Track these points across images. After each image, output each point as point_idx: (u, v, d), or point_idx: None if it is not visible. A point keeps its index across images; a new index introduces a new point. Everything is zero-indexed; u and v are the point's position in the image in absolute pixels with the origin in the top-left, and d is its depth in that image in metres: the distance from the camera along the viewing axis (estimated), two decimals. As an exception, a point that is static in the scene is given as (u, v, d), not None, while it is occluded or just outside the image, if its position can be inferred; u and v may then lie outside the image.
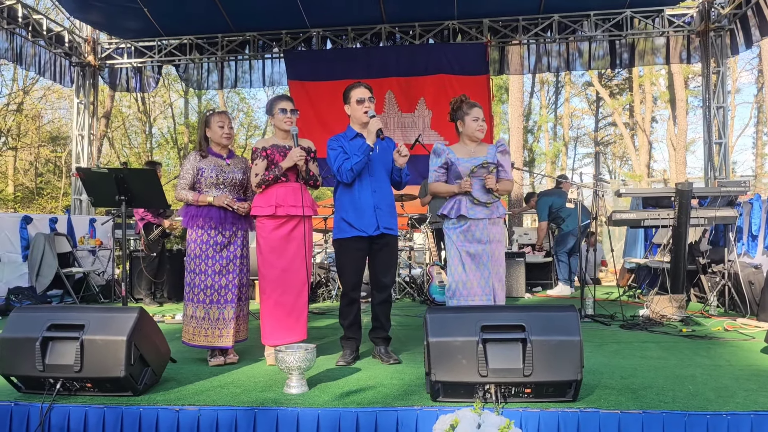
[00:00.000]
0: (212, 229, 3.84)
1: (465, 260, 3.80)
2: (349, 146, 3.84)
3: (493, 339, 2.81)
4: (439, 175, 3.97)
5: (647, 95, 24.77)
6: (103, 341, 3.00)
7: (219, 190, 3.89)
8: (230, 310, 3.87)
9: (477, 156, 3.89)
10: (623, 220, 5.64)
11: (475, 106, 3.96)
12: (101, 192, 3.79)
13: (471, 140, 3.95)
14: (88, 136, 9.72)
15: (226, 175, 3.91)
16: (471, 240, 3.80)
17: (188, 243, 3.86)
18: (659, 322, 5.12)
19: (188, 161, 3.86)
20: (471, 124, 3.91)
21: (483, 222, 3.81)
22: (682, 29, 8.99)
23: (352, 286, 3.85)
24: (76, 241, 7.70)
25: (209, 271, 3.84)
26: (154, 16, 9.12)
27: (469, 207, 3.81)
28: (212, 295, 3.84)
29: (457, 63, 9.16)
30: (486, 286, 3.77)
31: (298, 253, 3.84)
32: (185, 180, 3.84)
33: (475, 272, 3.78)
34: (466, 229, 3.81)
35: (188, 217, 3.82)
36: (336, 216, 3.89)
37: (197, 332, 3.84)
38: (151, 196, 3.83)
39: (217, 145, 3.97)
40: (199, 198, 3.82)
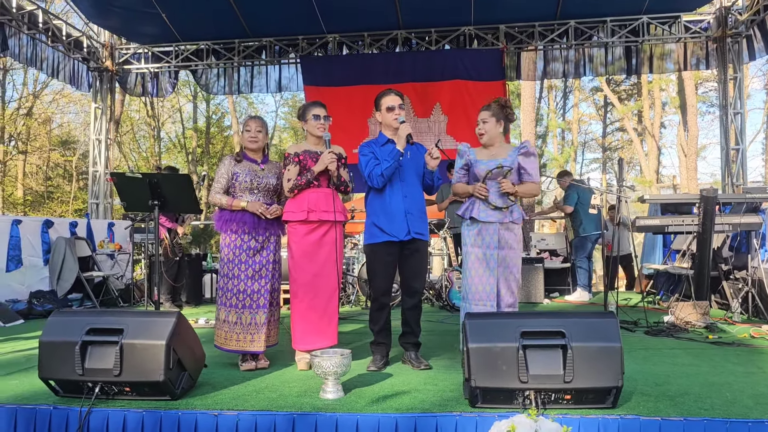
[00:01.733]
0: (245, 233, 3.86)
1: (474, 263, 3.82)
2: (380, 152, 3.86)
3: (534, 345, 2.81)
4: (460, 176, 4.00)
5: (656, 100, 24.72)
6: (142, 345, 3.02)
7: (253, 194, 3.91)
8: (262, 315, 3.88)
9: (496, 158, 3.90)
10: (647, 226, 5.64)
11: (483, 110, 3.98)
12: (134, 197, 3.81)
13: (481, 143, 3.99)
14: (105, 140, 9.78)
15: (260, 180, 3.93)
16: (480, 244, 3.81)
17: (221, 247, 3.87)
18: (684, 328, 5.11)
19: (223, 165, 3.88)
20: (475, 127, 3.96)
21: (494, 226, 3.80)
22: (698, 35, 8.99)
23: (383, 292, 3.86)
24: (95, 245, 7.73)
25: (242, 275, 3.85)
26: (171, 22, 9.18)
27: (481, 209, 3.82)
28: (244, 300, 3.85)
29: (473, 69, 9.19)
30: (491, 292, 3.76)
31: (329, 257, 3.86)
32: (219, 184, 3.86)
33: (481, 276, 3.78)
34: (477, 232, 3.83)
35: (222, 222, 3.84)
36: (367, 221, 3.90)
37: (229, 336, 3.86)
38: (183, 200, 3.85)
39: (249, 150, 3.99)
40: (233, 203, 3.85)
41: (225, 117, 27.47)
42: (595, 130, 32.39)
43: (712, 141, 26.34)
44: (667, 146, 29.00)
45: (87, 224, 7.81)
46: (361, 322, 5.97)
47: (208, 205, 7.43)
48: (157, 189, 3.71)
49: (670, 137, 28.28)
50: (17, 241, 6.50)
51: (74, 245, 7.10)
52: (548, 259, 7.99)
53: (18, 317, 6.04)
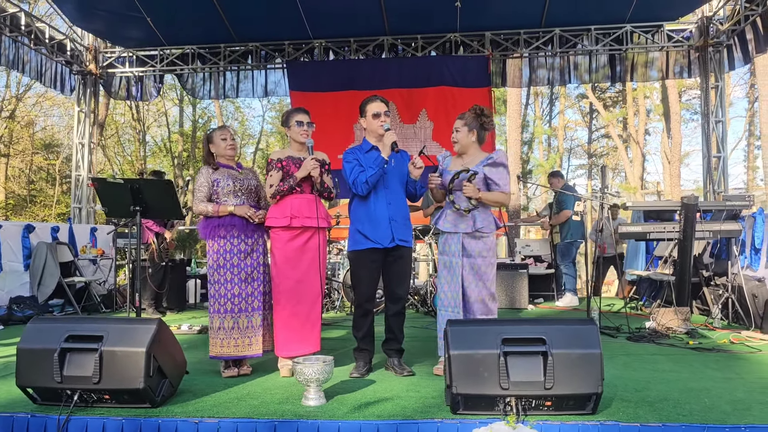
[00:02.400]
0: (235, 237, 3.85)
1: (441, 270, 3.85)
2: (365, 158, 3.86)
3: (515, 352, 2.83)
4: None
5: (641, 108, 24.99)
6: (122, 353, 2.99)
7: (237, 197, 3.91)
8: (258, 318, 3.88)
9: (468, 167, 3.91)
10: (630, 233, 5.69)
11: (458, 118, 3.98)
12: (116, 202, 3.79)
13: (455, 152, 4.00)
14: (89, 144, 9.70)
15: (242, 182, 3.93)
16: (447, 252, 3.83)
17: (209, 254, 3.84)
18: (665, 334, 5.16)
19: (201, 175, 3.87)
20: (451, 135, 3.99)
21: (456, 236, 3.79)
22: (681, 44, 9.10)
23: (367, 298, 3.86)
24: (77, 250, 7.66)
25: (235, 279, 3.83)
26: (156, 26, 9.13)
27: (444, 220, 3.84)
28: (240, 304, 3.84)
29: (459, 75, 9.22)
30: (455, 298, 3.76)
31: (312, 264, 3.85)
32: (201, 193, 3.84)
33: (449, 283, 3.80)
34: (444, 240, 3.86)
35: (209, 229, 3.82)
36: (351, 228, 3.90)
37: (226, 343, 3.83)
38: (166, 206, 3.82)
39: (223, 158, 3.99)
40: (219, 209, 3.83)
41: (211, 121, 27.37)
42: (580, 136, 32.64)
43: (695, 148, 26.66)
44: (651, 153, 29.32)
45: (69, 229, 7.74)
46: (345, 328, 5.96)
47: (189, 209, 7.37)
48: (139, 194, 3.69)
49: (654, 144, 28.62)
50: (-3, 246, 6.42)
51: (56, 250, 7.02)
52: (533, 265, 8.04)
53: (-3, 323, 5.97)
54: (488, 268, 3.79)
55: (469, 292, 3.75)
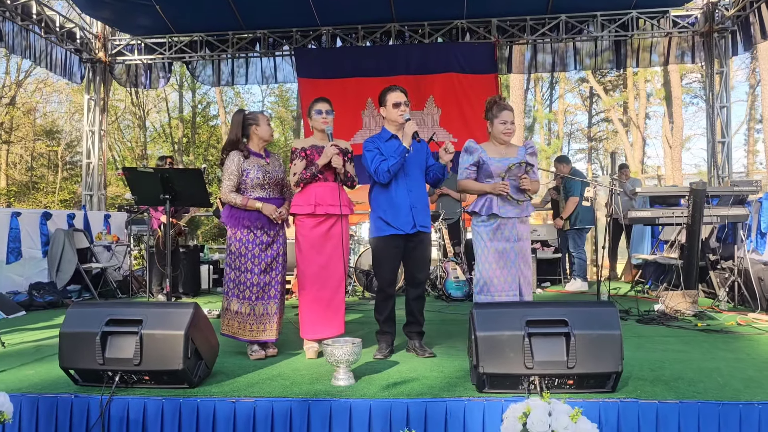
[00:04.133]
0: (258, 229, 3.96)
1: (493, 257, 3.93)
2: (385, 147, 3.97)
3: (538, 333, 2.96)
4: (470, 173, 4.09)
5: (641, 92, 25.01)
6: (161, 335, 3.13)
7: (264, 190, 4.02)
8: (274, 306, 4.02)
9: (508, 156, 4.03)
10: (638, 218, 5.82)
11: (505, 108, 4.06)
12: (145, 191, 3.90)
13: (499, 142, 4.08)
14: (99, 132, 9.78)
15: (270, 175, 4.03)
16: (500, 238, 3.93)
17: (231, 240, 3.96)
18: (674, 316, 5.30)
19: (233, 162, 3.94)
20: (498, 126, 4.03)
21: (513, 221, 3.95)
22: (686, 30, 9.17)
23: (389, 282, 3.99)
24: (92, 236, 7.78)
25: (255, 269, 3.96)
26: (165, 13, 9.17)
27: (500, 205, 3.94)
28: (258, 292, 3.97)
29: (465, 62, 9.30)
30: (513, 282, 3.90)
31: (335, 250, 3.98)
32: (231, 182, 3.93)
33: (502, 269, 3.91)
34: (496, 227, 3.94)
35: (233, 218, 3.93)
36: (372, 215, 4.02)
37: (242, 327, 3.96)
38: (195, 195, 3.94)
39: (257, 144, 4.08)
40: (248, 203, 3.93)
41: (211, 106, 27.31)
42: (580, 120, 32.69)
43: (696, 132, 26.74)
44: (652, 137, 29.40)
45: (84, 216, 7.85)
46: (359, 311, 6.10)
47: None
48: (169, 183, 3.80)
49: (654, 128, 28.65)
50: (17, 233, 6.53)
51: (72, 237, 7.14)
52: (540, 250, 8.17)
53: (20, 309, 6.10)
54: (530, 251, 3.98)
55: (522, 274, 3.91)
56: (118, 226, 8.37)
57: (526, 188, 3.93)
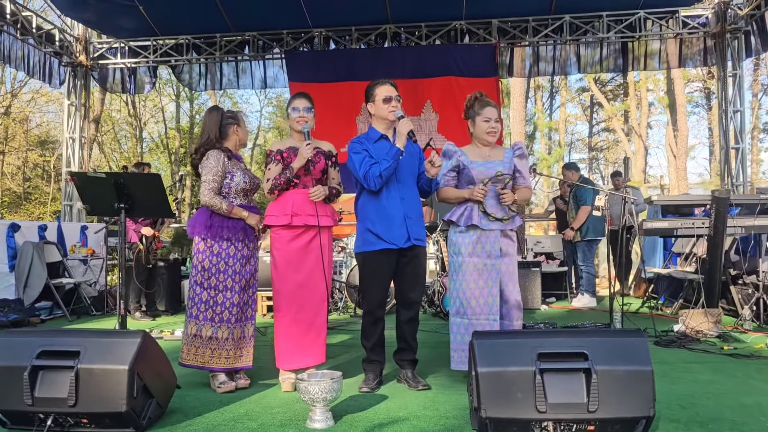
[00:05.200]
0: (240, 241, 3.48)
1: (471, 275, 3.44)
2: (374, 149, 3.49)
3: (553, 369, 2.46)
4: (448, 180, 3.61)
5: (643, 100, 24.61)
6: (101, 371, 2.62)
7: (246, 197, 3.56)
8: (250, 327, 3.56)
9: (492, 160, 3.55)
10: (655, 229, 5.32)
11: (488, 105, 3.61)
12: (98, 199, 3.40)
13: (482, 143, 3.61)
14: (79, 139, 9.30)
15: (253, 180, 3.57)
16: (480, 252, 3.45)
17: (204, 255, 3.44)
18: (696, 338, 4.79)
19: (216, 161, 3.43)
20: (481, 125, 3.56)
21: (495, 234, 3.46)
22: (696, 31, 8.72)
23: (378, 303, 3.49)
24: (66, 249, 7.27)
25: (236, 287, 3.46)
26: (149, 15, 8.74)
27: (482, 216, 3.46)
28: (237, 314, 3.48)
29: (464, 65, 8.85)
30: (493, 305, 3.42)
31: (316, 266, 3.48)
32: (216, 183, 3.43)
33: (482, 289, 3.42)
34: (476, 239, 3.46)
35: (211, 228, 3.43)
36: (360, 226, 3.53)
37: (217, 354, 3.45)
38: (154, 203, 3.44)
39: (234, 147, 3.62)
40: (233, 210, 3.45)
41: (208, 116, 26.89)
42: (580, 130, 32.29)
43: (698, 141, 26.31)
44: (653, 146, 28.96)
45: (58, 227, 7.35)
46: (349, 332, 5.59)
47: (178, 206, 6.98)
48: (124, 190, 3.30)
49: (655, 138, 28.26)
50: (-21, 247, 6.04)
51: (42, 250, 6.64)
52: (545, 263, 7.67)
53: (-22, 329, 5.58)
54: (515, 268, 3.47)
55: (507, 295, 3.43)
56: (97, 239, 7.87)
57: (507, 203, 3.44)
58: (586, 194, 6.88)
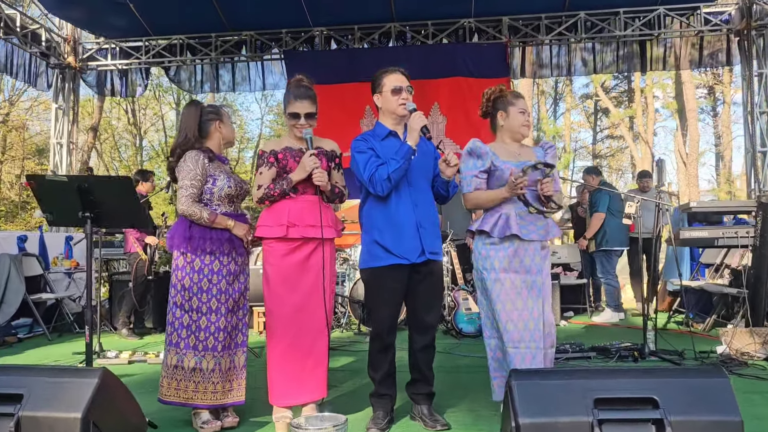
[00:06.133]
0: (225, 255, 2.99)
1: (509, 294, 2.92)
2: (382, 147, 3.00)
3: (615, 420, 1.94)
4: (480, 182, 3.08)
5: (649, 106, 24.16)
6: (48, 420, 2.11)
7: (231, 204, 3.07)
8: (242, 355, 3.06)
9: (524, 159, 3.06)
10: (693, 239, 4.82)
11: (520, 96, 3.14)
12: (60, 207, 2.90)
13: (514, 138, 3.11)
14: (68, 144, 8.82)
15: (239, 185, 3.07)
16: (519, 268, 2.93)
17: (185, 272, 2.95)
18: (742, 361, 4.27)
19: (195, 163, 2.95)
20: (517, 117, 3.07)
21: (535, 245, 2.95)
22: (719, 28, 8.23)
23: (388, 328, 2.98)
24: (48, 262, 6.78)
25: (222, 309, 2.97)
26: (140, 13, 8.28)
27: (521, 224, 2.95)
28: (225, 340, 2.98)
29: (474, 65, 8.36)
30: (535, 329, 2.89)
31: (315, 286, 2.97)
32: (196, 189, 2.95)
33: (521, 311, 2.90)
34: (512, 253, 2.94)
35: (191, 240, 2.93)
36: (365, 238, 3.03)
37: (202, 388, 2.95)
38: (125, 211, 2.94)
39: (220, 145, 3.14)
40: (217, 219, 2.96)
41: (209, 125, 26.56)
42: (584, 138, 31.80)
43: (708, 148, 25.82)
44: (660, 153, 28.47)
45: (40, 238, 6.86)
46: (353, 353, 5.08)
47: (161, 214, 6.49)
48: (89, 196, 2.80)
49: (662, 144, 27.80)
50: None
51: (21, 263, 6.13)
52: (562, 275, 7.15)
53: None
54: (551, 283, 3.01)
55: (544, 317, 2.92)
56: (83, 249, 7.35)
57: (549, 194, 2.93)
58: (600, 200, 6.38)
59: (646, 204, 4.96)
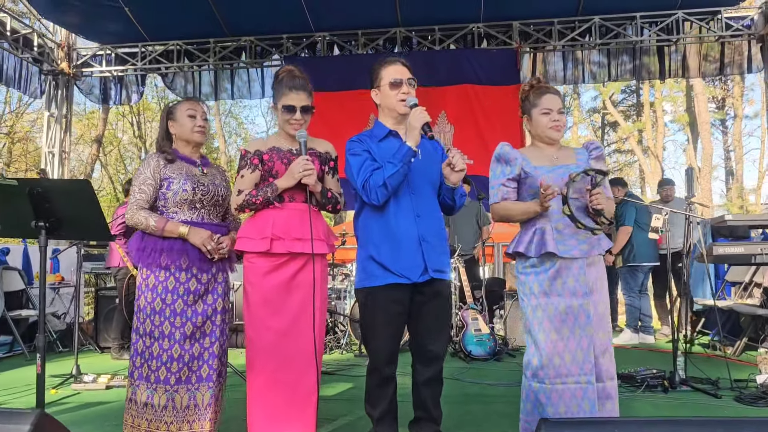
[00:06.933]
0: (182, 270, 2.59)
1: (552, 322, 2.52)
2: (379, 150, 2.62)
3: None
4: (508, 191, 2.70)
5: (659, 119, 23.77)
6: (-38, 478, 1.71)
7: (194, 211, 2.66)
8: (206, 392, 2.63)
9: (562, 163, 2.66)
10: (727, 255, 4.39)
11: (546, 92, 2.72)
12: (10, 214, 2.52)
13: (545, 142, 2.72)
14: (60, 153, 8.49)
15: (205, 187, 2.68)
16: (562, 291, 2.53)
17: (141, 290, 2.59)
18: (785, 392, 3.82)
19: (147, 166, 2.63)
20: (539, 119, 2.68)
21: (580, 263, 2.55)
22: (741, 33, 7.85)
23: (387, 358, 2.56)
24: (32, 276, 6.40)
25: (176, 334, 2.57)
26: (137, 18, 7.99)
27: (559, 239, 2.55)
28: (179, 372, 2.57)
29: (483, 71, 8.01)
30: (585, 362, 2.49)
31: (304, 308, 2.56)
32: (144, 194, 2.60)
33: (567, 341, 2.50)
34: (554, 274, 2.54)
35: (144, 252, 2.58)
36: (361, 254, 2.63)
37: (155, 427, 2.55)
38: (84, 221, 2.55)
39: (186, 145, 2.75)
40: (166, 226, 2.57)
41: (213, 138, 26.43)
42: (591, 152, 31.39)
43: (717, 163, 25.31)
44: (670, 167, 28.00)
45: (24, 251, 6.50)
46: (352, 378, 4.65)
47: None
48: (44, 203, 2.42)
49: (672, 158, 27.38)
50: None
51: (1, 277, 5.77)
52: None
53: None
54: (607, 307, 2.61)
55: (597, 347, 2.52)
56: (72, 263, 6.98)
57: (600, 207, 2.54)
58: (626, 213, 5.97)
59: (673, 216, 4.55)
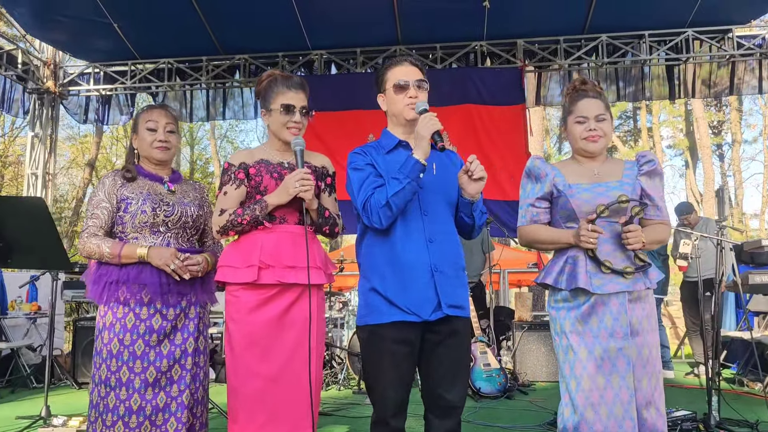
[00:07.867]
0: (144, 304, 2.20)
1: (586, 367, 2.13)
2: (385, 163, 2.25)
3: None
4: (538, 212, 2.33)
5: (657, 145, 23.61)
6: None
7: (157, 234, 2.28)
8: None
9: (604, 180, 2.29)
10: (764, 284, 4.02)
11: (583, 96, 2.34)
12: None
13: (583, 155, 2.35)
14: (43, 176, 8.10)
15: (170, 208, 2.30)
16: (597, 331, 2.15)
17: (98, 331, 2.20)
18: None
19: (102, 187, 2.29)
20: (573, 128, 2.32)
21: (619, 298, 2.16)
22: (752, 53, 7.59)
23: (394, 409, 2.15)
24: (5, 305, 5.97)
25: (136, 381, 2.17)
26: (126, 35, 7.68)
27: (592, 271, 2.17)
28: (140, 427, 2.17)
29: (486, 91, 7.70)
30: (624, 416, 2.09)
31: (298, 349, 2.17)
32: (98, 219, 2.23)
33: (603, 390, 2.11)
34: (588, 310, 2.16)
35: (100, 285, 2.19)
36: (363, 285, 2.23)
37: None
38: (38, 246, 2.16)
39: (148, 162, 2.38)
40: (122, 251, 2.18)
41: (209, 164, 26.24)
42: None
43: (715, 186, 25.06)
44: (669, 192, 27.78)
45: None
46: (350, 420, 4.21)
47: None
48: (-9, 226, 2.04)
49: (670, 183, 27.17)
50: None
51: (-30, 307, 5.36)
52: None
53: None
54: (657, 352, 2.18)
55: (641, 399, 2.13)
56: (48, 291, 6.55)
57: (636, 247, 2.14)
58: None
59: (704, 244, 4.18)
